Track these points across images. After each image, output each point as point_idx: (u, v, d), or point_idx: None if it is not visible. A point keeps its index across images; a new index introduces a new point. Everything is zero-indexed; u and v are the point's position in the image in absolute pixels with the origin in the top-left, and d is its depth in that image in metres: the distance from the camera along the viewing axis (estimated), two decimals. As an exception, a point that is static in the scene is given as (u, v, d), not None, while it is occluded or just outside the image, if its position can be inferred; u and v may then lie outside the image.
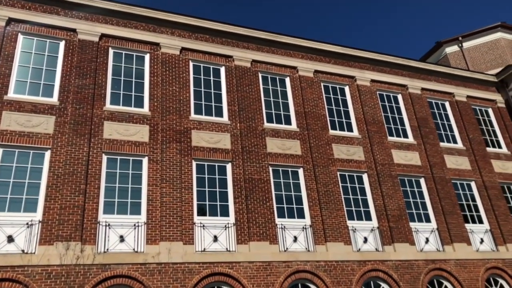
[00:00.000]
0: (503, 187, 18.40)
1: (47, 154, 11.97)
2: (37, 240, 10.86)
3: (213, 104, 14.86)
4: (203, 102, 14.73)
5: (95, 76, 13.44)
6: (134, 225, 11.97)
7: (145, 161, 12.97)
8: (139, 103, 13.83)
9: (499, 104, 20.56)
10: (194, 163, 13.57)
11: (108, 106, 13.31)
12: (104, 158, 12.56)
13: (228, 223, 13.05)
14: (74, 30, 13.89)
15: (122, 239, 11.68)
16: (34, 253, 10.71)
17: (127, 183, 12.47)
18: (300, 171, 14.93)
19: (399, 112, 18.17)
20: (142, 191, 12.49)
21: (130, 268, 11.22)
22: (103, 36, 14.21)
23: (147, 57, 14.66)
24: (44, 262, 10.56)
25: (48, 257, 10.64)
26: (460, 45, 24.33)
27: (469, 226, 16.66)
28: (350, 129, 16.72)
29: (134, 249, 11.67)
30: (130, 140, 13.00)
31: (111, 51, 14.24)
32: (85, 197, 11.67)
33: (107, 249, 11.44)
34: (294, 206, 14.25)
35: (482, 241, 16.54)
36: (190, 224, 12.48)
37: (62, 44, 13.68)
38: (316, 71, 17.13)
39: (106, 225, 11.69)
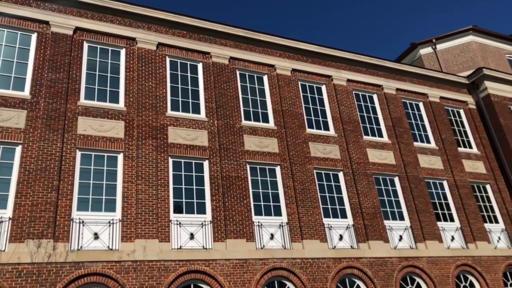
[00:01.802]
0: (473, 186, 18.92)
1: (18, 149, 11.60)
2: (7, 238, 10.51)
3: (190, 100, 14.73)
4: (180, 99, 14.57)
5: (69, 70, 13.11)
6: (109, 222, 11.73)
7: (120, 157, 12.73)
8: (115, 98, 13.56)
9: (470, 106, 21.12)
10: (170, 160, 13.41)
11: (83, 101, 13.01)
12: (78, 154, 12.26)
13: (205, 221, 12.95)
14: (47, 23, 13.50)
15: (96, 236, 11.43)
16: (4, 250, 10.35)
17: (102, 179, 12.21)
18: (277, 169, 14.96)
19: (375, 112, 18.44)
20: (117, 188, 12.25)
21: (104, 266, 10.99)
22: (77, 29, 13.88)
23: (122, 52, 14.39)
24: (15, 260, 10.22)
25: (19, 255, 10.31)
26: (434, 47, 24.90)
27: (441, 224, 17.05)
28: (326, 128, 16.86)
29: (108, 247, 11.44)
30: (105, 136, 12.74)
31: (85, 45, 13.92)
32: (58, 194, 11.36)
33: (81, 247, 11.17)
34: (271, 203, 14.27)
35: (453, 238, 16.97)
36: (166, 222, 12.33)
37: (34, 37, 13.28)
38: (293, 70, 17.20)
39: (80, 222, 11.41)
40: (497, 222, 18.50)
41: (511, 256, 17.46)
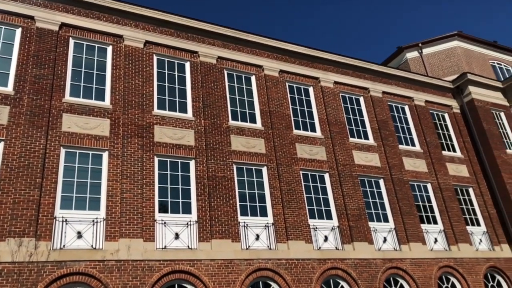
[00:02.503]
0: (457, 189, 19.19)
1: (0, 146, 11.37)
2: (-14, 236, 10.28)
3: (177, 99, 14.64)
4: (166, 97, 14.47)
5: (54, 66, 12.91)
6: (93, 221, 11.58)
7: (105, 155, 12.58)
8: (100, 96, 13.41)
9: (454, 110, 21.43)
10: (156, 159, 13.30)
11: (68, 98, 12.82)
12: (62, 151, 12.08)
13: (190, 221, 12.88)
14: (32, 18, 13.28)
15: (79, 235, 11.27)
16: (-17, 249, 10.14)
17: (86, 178, 12.05)
18: (264, 170, 14.96)
19: (361, 114, 18.57)
20: (102, 187, 12.10)
21: (87, 265, 10.84)
22: (63, 25, 13.68)
23: (109, 49, 14.24)
24: (-6, 259, 10.01)
25: (-1, 254, 10.11)
26: (420, 51, 25.20)
27: (424, 226, 17.25)
28: (313, 129, 16.93)
29: (92, 246, 11.28)
30: (90, 133, 12.58)
31: (71, 41, 13.73)
32: (41, 192, 11.17)
33: (64, 246, 11.00)
34: (257, 204, 14.26)
35: (436, 240, 17.17)
36: (151, 221, 12.22)
37: (18, 32, 13.05)
38: (281, 71, 17.23)
39: (63, 221, 11.23)
40: (479, 224, 18.79)
41: (492, 258, 17.75)
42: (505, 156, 20.05)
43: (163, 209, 12.69)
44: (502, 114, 21.73)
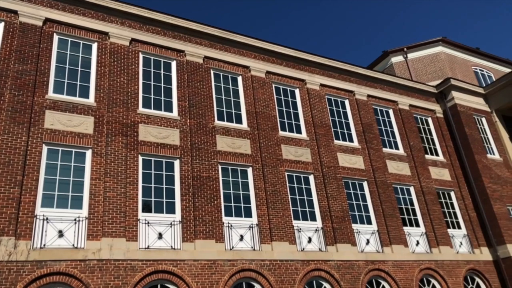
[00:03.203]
0: (439, 192, 19.46)
1: (-20, 142, 11.12)
2: (-36, 234, 10.03)
3: (162, 98, 14.52)
4: (152, 96, 14.35)
5: (37, 62, 12.68)
6: (75, 219, 11.39)
7: (88, 153, 12.40)
8: (85, 93, 13.22)
9: (438, 114, 21.74)
10: (140, 158, 13.16)
11: (51, 94, 12.61)
12: (45, 148, 11.87)
13: (174, 221, 12.78)
14: (15, 12, 13.03)
15: (61, 234, 11.07)
16: (-40, 248, 9.88)
17: (69, 176, 11.85)
18: (249, 170, 14.94)
19: (346, 117, 18.70)
20: (85, 185, 11.92)
21: (68, 265, 10.65)
22: (47, 20, 13.45)
23: (94, 46, 14.05)
24: (-28, 258, 9.77)
25: (-24, 252, 9.87)
26: (405, 55, 25.51)
27: (406, 229, 17.44)
28: (299, 131, 16.98)
29: (73, 245, 11.10)
30: (73, 131, 12.39)
31: (56, 37, 13.52)
32: (21, 189, 10.95)
33: (44, 245, 10.79)
34: (242, 205, 14.22)
35: (418, 243, 17.38)
36: (134, 221, 12.08)
37: (1, 26, 12.79)
38: (268, 72, 17.25)
39: (43, 219, 11.03)
40: (459, 227, 19.08)
41: (471, 261, 18.04)
42: (486, 161, 20.41)
43: (146, 208, 12.56)
44: (483, 119, 22.13)
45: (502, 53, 68.08)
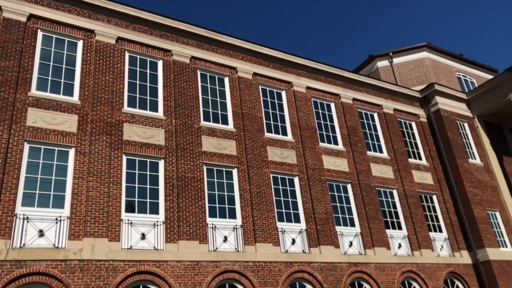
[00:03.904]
0: (421, 196, 19.72)
1: (-41, 139, 10.89)
2: None
3: (148, 98, 14.42)
4: (137, 95, 14.24)
5: (20, 58, 12.48)
6: (56, 219, 11.23)
7: (71, 152, 12.24)
8: (69, 91, 13.05)
9: (421, 119, 22.03)
10: (124, 158, 13.05)
11: (34, 91, 12.41)
12: (26, 146, 11.68)
13: (157, 221, 12.69)
14: (-1, 7, 12.80)
15: (41, 233, 10.90)
16: None
17: (51, 174, 11.67)
18: (235, 172, 14.93)
19: (331, 120, 18.83)
20: (67, 184, 11.76)
21: (48, 265, 10.50)
22: (31, 16, 13.24)
23: (80, 44, 13.89)
24: (-52, 257, 9.56)
25: (-46, 251, 9.66)
26: (390, 60, 25.81)
27: (389, 231, 17.63)
28: (284, 133, 17.03)
29: (54, 245, 10.94)
30: (57, 129, 12.21)
31: (40, 34, 13.32)
32: (1, 188, 10.74)
33: (24, 244, 10.61)
34: (226, 206, 14.20)
35: (400, 246, 17.58)
36: (117, 221, 11.97)
37: (-16, 21, 12.55)
38: (255, 74, 17.27)
39: (24, 218, 10.84)
40: (441, 231, 19.36)
41: (452, 264, 18.32)
42: (468, 166, 20.76)
43: (130, 208, 12.45)
44: (466, 125, 22.50)
45: (485, 59, 69.37)
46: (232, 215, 14.15)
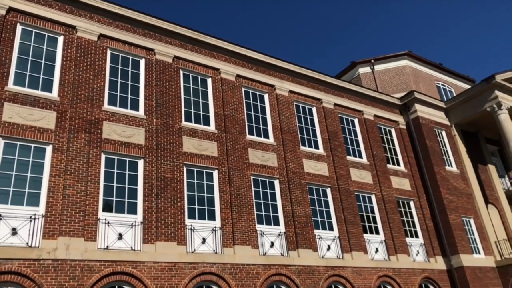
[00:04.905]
0: (399, 201, 19.99)
1: None
2: None
3: (129, 96, 14.25)
4: (118, 93, 14.05)
5: (-2, 52, 12.17)
6: (30, 217, 10.97)
7: (48, 149, 11.99)
8: (48, 87, 12.79)
9: (401, 126, 22.37)
10: (103, 156, 12.85)
11: (11, 86, 12.12)
12: (1, 142, 11.37)
13: (135, 221, 12.52)
14: (-23, -1, 12.48)
15: (14, 232, 10.61)
16: None
17: (26, 171, 11.40)
18: (215, 173, 14.86)
19: (313, 124, 18.95)
20: (43, 182, 11.50)
21: (21, 264, 10.23)
22: (11, 9, 12.94)
23: (60, 39, 13.64)
24: None
25: None
26: (372, 67, 26.16)
27: (367, 236, 17.81)
28: (266, 135, 17.05)
29: (28, 244, 10.67)
30: (34, 125, 11.95)
31: (19, 28, 13.02)
32: (-27, 184, 10.44)
33: (-5, 243, 10.32)
34: (206, 207, 14.12)
35: (377, 250, 17.77)
36: (94, 220, 11.76)
37: (-39, 12, 12.21)
38: (238, 76, 17.25)
39: (-4, 216, 10.55)
40: (417, 236, 19.66)
41: (427, 269, 18.61)
42: (444, 173, 21.16)
43: (107, 208, 12.26)
44: (443, 132, 22.94)
45: (463, 69, 70.96)
46: (211, 217, 14.08)
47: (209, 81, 16.48)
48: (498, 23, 65.71)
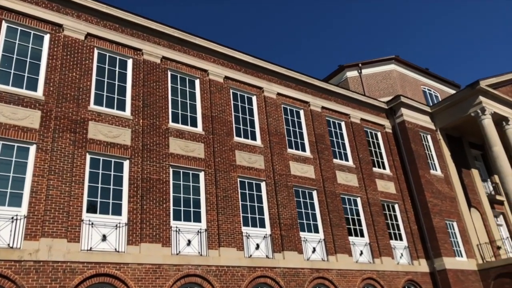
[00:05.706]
0: (384, 204, 20.18)
1: None
2: None
3: (115, 96, 14.14)
4: (105, 93, 13.94)
5: (-18, 49, 11.98)
6: (12, 218, 10.81)
7: (32, 149, 11.84)
8: (32, 86, 12.63)
9: (387, 129, 22.58)
10: (88, 157, 12.73)
11: (-5, 84, 11.94)
12: (-16, 141, 11.21)
13: (119, 223, 12.44)
14: (-39, -5, 12.27)
15: (-5, 232, 10.47)
16: None
17: (9, 171, 11.24)
18: (201, 175, 14.82)
19: (300, 127, 19.03)
20: (26, 182, 11.35)
21: (1, 266, 10.06)
22: (-4, 6, 12.76)
23: (46, 38, 13.48)
24: None
25: None
26: (359, 71, 26.37)
27: (352, 238, 17.93)
28: (253, 137, 17.07)
29: (9, 245, 10.52)
30: (17, 124, 11.79)
31: (4, 25, 12.84)
32: (-46, 183, 10.27)
33: (-24, 243, 10.16)
34: (192, 209, 14.08)
35: (361, 253, 17.91)
36: (78, 221, 11.64)
37: None
38: (226, 77, 17.24)
39: (-23, 216, 10.39)
40: (401, 239, 19.86)
41: (410, 272, 18.81)
42: (429, 176, 21.41)
43: (91, 209, 12.15)
44: (429, 137, 23.22)
45: (449, 75, 71.89)
46: (197, 219, 14.04)
47: (197, 82, 16.44)
48: (484, 31, 66.78)
